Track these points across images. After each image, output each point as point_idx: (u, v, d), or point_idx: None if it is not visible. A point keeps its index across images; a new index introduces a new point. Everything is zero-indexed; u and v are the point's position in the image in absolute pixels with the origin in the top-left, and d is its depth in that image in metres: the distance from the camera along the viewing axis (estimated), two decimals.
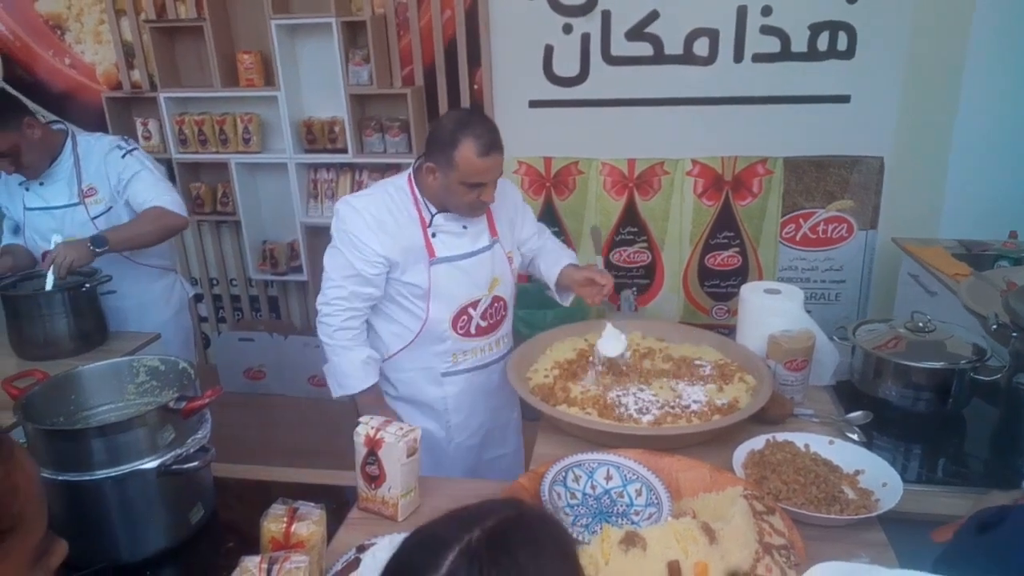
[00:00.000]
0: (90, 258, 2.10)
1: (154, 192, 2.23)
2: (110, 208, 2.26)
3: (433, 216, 1.80)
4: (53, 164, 2.23)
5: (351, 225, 1.77)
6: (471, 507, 0.76)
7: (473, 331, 1.90)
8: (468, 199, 1.73)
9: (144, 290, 2.43)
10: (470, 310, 1.87)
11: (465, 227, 1.84)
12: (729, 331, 3.19)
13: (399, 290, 1.83)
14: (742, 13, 3.01)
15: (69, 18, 3.51)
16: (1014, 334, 1.60)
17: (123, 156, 2.26)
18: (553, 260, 2.01)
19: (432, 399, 1.95)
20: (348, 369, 1.85)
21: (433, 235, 1.81)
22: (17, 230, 2.33)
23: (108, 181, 2.25)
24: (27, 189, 2.25)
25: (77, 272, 2.14)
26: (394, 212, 1.79)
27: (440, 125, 1.74)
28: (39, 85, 3.63)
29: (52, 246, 2.23)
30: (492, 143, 1.68)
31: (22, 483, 0.66)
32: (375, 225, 1.75)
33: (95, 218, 2.24)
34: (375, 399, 1.89)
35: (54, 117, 3.24)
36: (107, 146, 2.27)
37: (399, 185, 1.84)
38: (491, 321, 1.93)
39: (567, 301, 2.04)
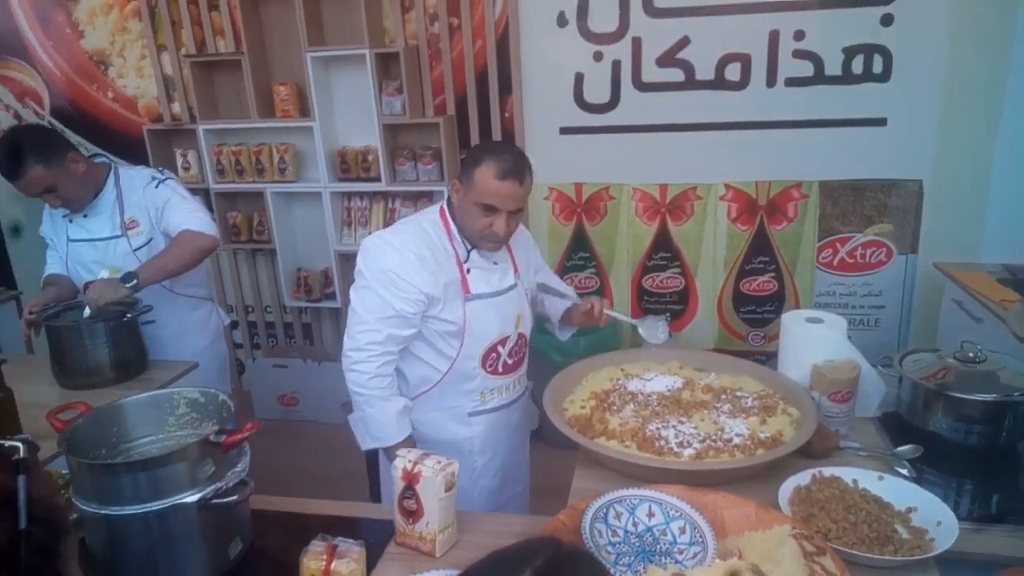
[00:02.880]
0: (122, 295, 2.13)
1: (182, 216, 2.26)
2: (151, 240, 2.30)
3: (469, 252, 1.79)
4: (97, 197, 2.28)
5: (390, 263, 1.71)
6: (513, 547, 0.76)
7: (501, 369, 1.88)
8: (480, 224, 1.71)
9: (182, 319, 2.47)
10: (499, 348, 1.85)
11: (496, 263, 1.83)
12: (766, 358, 3.14)
13: (433, 328, 1.79)
14: (774, 38, 2.99)
15: (112, 54, 3.62)
16: None
17: (157, 187, 2.31)
18: (559, 300, 2.03)
19: (458, 439, 1.88)
20: (384, 420, 1.75)
21: (468, 271, 1.79)
22: (61, 261, 2.38)
23: (148, 213, 2.29)
24: (71, 221, 2.31)
25: (119, 302, 2.18)
26: (432, 247, 1.75)
27: (474, 147, 1.81)
28: (83, 118, 3.75)
29: (94, 277, 2.29)
30: (512, 169, 1.65)
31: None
32: (416, 261, 1.71)
33: (136, 250, 2.28)
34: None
35: (97, 150, 3.33)
36: (146, 178, 2.32)
37: (432, 219, 1.81)
38: (516, 359, 1.92)
39: (566, 336, 2.09)
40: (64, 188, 2.17)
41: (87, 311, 2.14)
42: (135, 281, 2.14)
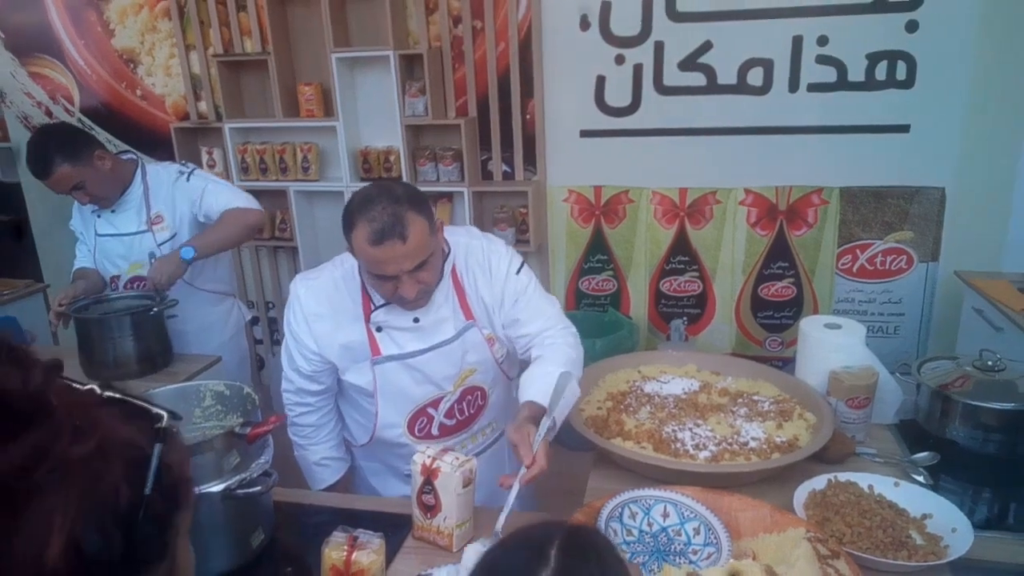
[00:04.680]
0: (183, 269, 2.20)
1: (224, 198, 2.32)
2: (175, 235, 2.35)
3: (375, 309, 1.55)
4: (124, 193, 2.33)
5: (291, 313, 1.61)
6: (532, 525, 0.81)
7: (436, 432, 1.65)
8: (382, 291, 1.47)
9: (204, 314, 2.51)
10: (429, 410, 1.63)
11: (417, 320, 1.55)
12: (783, 363, 3.14)
13: (347, 388, 1.66)
14: (797, 43, 2.99)
15: (141, 52, 3.69)
16: None
17: (187, 180, 2.36)
18: (534, 379, 1.50)
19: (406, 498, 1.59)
20: (303, 467, 1.76)
21: (378, 329, 1.55)
22: (90, 255, 2.43)
23: (176, 209, 2.34)
24: (99, 216, 2.36)
25: (144, 296, 2.24)
26: (335, 302, 1.57)
27: (351, 197, 1.45)
28: (112, 116, 3.82)
29: (119, 271, 2.34)
30: (386, 229, 1.34)
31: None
32: (312, 318, 1.57)
33: (160, 244, 2.33)
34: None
35: (125, 147, 3.39)
36: (173, 175, 2.37)
37: (349, 266, 1.58)
38: (461, 418, 1.67)
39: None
40: (92, 185, 2.22)
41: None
42: (194, 254, 2.20)
